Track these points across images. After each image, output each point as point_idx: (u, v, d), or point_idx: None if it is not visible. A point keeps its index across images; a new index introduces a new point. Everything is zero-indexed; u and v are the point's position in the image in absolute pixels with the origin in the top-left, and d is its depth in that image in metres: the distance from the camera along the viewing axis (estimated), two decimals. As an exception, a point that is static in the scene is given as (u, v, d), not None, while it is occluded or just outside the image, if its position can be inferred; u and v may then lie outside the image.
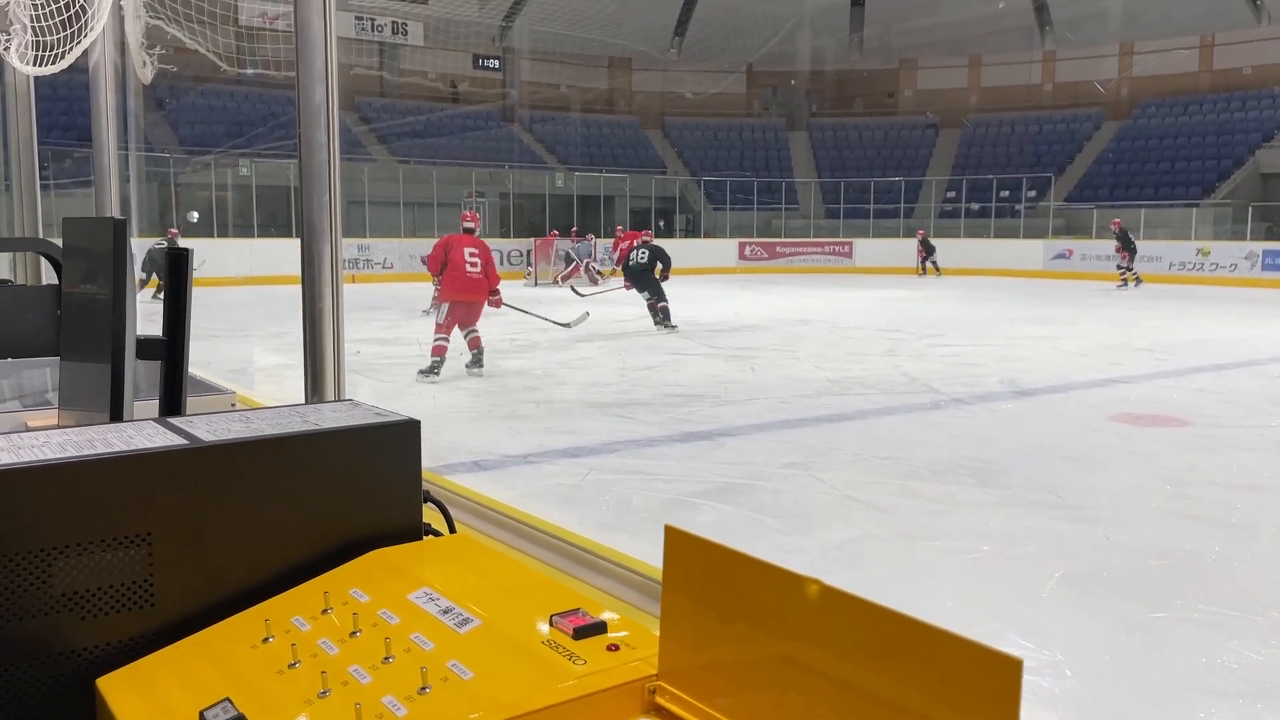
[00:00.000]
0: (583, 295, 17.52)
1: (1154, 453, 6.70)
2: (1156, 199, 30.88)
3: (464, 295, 9.82)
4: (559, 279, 24.71)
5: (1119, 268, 24.26)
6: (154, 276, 20.07)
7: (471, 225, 10.40)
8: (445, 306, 9.89)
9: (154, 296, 18.01)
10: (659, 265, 14.99)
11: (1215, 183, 30.95)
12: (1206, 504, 5.46)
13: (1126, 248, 23.95)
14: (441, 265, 9.95)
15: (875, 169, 36.56)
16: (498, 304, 10.32)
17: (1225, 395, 8.98)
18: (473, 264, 9.90)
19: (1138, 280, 23.97)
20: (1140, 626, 3.80)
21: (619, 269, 22.77)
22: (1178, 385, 9.57)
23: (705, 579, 0.90)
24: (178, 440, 1.26)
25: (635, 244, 16.23)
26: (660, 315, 14.58)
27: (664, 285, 14.92)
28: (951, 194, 34.76)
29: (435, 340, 9.78)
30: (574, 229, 27.69)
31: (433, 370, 9.56)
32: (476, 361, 9.89)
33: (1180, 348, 12.46)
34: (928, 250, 29.43)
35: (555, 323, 12.96)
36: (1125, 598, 4.10)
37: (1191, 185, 31.23)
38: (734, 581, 0.87)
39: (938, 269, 29.18)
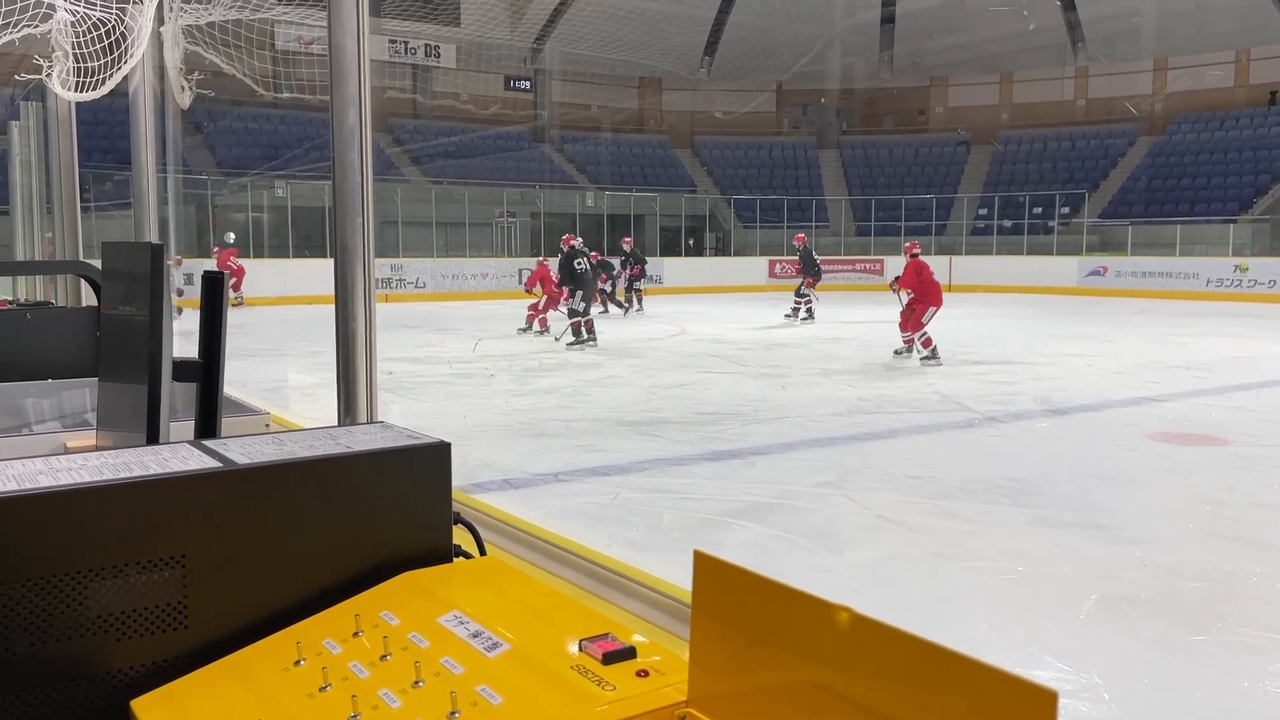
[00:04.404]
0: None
1: (1192, 472, 6.60)
2: (1192, 215, 30.50)
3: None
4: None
5: (798, 294, 19.60)
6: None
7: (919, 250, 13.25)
8: (931, 310, 12.71)
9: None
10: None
11: (1253, 198, 30.52)
12: (1247, 525, 5.36)
13: (809, 271, 19.68)
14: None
15: (906, 186, 36.41)
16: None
17: (1265, 414, 8.83)
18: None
19: (810, 311, 19.41)
20: (1180, 649, 3.74)
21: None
22: (1216, 403, 9.42)
23: (735, 605, 0.90)
24: (212, 463, 1.27)
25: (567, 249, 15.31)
26: (590, 330, 14.91)
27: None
28: (983, 211, 34.54)
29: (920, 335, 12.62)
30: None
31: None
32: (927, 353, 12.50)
33: (1218, 365, 12.28)
34: (635, 262, 22.66)
35: None
36: (1164, 620, 4.03)
37: (1228, 201, 30.83)
38: (764, 608, 0.86)
39: (619, 294, 22.11)
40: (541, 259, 19.21)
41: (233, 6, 5.15)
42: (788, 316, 19.35)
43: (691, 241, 34.76)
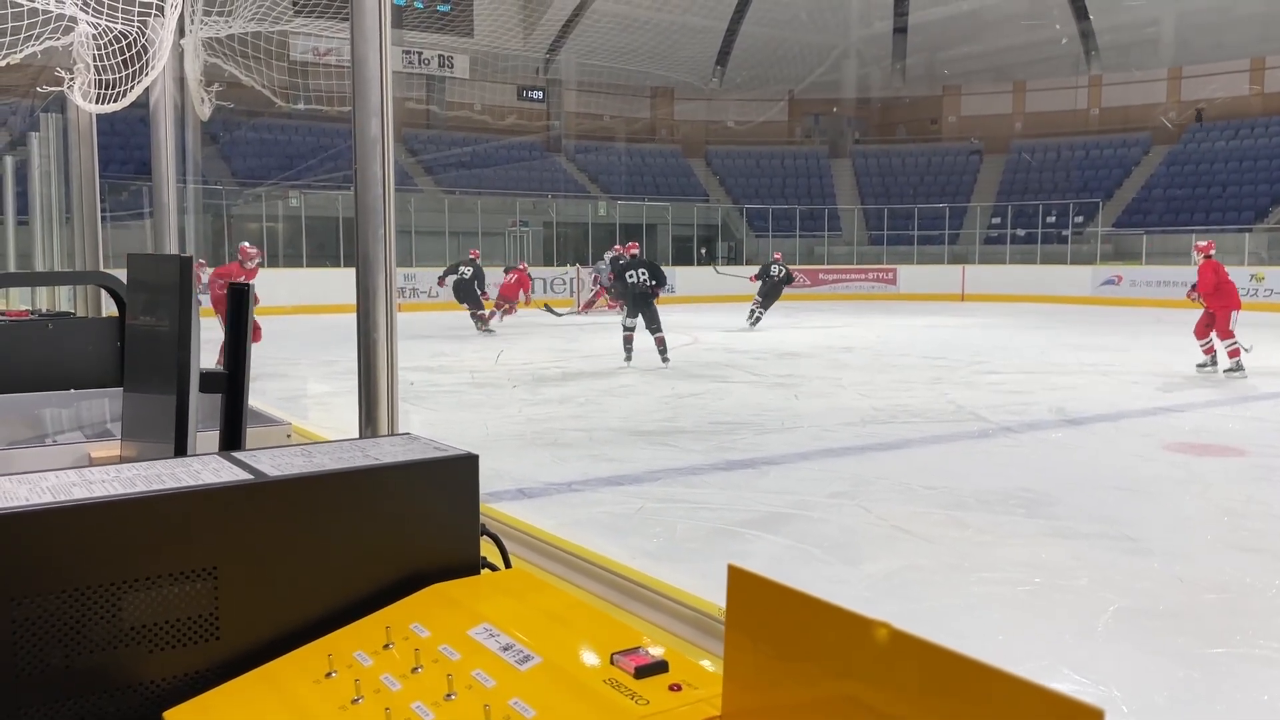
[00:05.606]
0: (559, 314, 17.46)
1: (1210, 483, 6.57)
2: (1208, 224, 30.35)
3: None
4: (583, 308, 24.50)
5: (755, 299, 20.25)
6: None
7: None
8: (1234, 314, 12.28)
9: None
10: (655, 285, 13.56)
11: (1269, 207, 30.38)
12: (1266, 536, 5.33)
13: (761, 275, 20.28)
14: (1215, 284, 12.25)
15: (919, 196, 36.37)
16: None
17: (1283, 425, 8.78)
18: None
19: (757, 318, 19.97)
20: (1199, 662, 3.72)
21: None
22: (1233, 414, 9.38)
23: (770, 620, 0.90)
24: (243, 475, 1.28)
25: (627, 258, 14.06)
26: (661, 347, 13.38)
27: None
28: (997, 220, 34.47)
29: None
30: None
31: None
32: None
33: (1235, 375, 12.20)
34: None
35: None
36: (1183, 632, 4.01)
37: (1244, 210, 30.68)
38: (800, 623, 0.87)
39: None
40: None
41: (252, 19, 5.19)
42: (752, 324, 19.86)
43: (704, 251, 34.78)
